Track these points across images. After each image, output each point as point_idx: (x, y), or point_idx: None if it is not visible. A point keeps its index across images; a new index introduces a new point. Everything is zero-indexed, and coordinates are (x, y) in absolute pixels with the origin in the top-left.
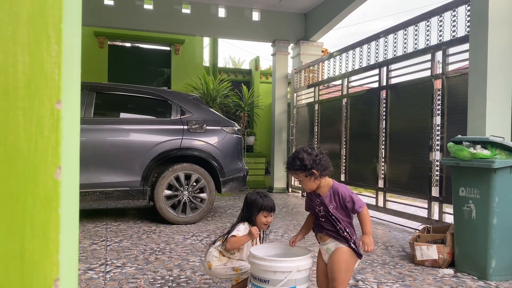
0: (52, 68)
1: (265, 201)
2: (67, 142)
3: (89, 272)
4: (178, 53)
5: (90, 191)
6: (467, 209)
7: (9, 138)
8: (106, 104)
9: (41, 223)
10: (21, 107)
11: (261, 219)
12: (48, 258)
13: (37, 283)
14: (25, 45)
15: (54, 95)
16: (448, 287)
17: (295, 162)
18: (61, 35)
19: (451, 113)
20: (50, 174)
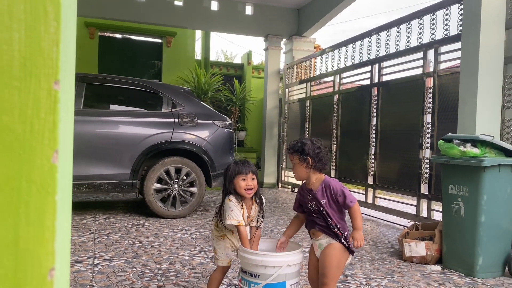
0: (50, 46)
1: (238, 165)
2: (64, 125)
3: (77, 265)
4: (169, 46)
5: (79, 183)
6: (455, 207)
7: (3, 120)
8: (96, 96)
9: (36, 210)
10: (17, 87)
11: (240, 184)
12: (44, 247)
13: (32, 273)
14: (22, 21)
15: (52, 75)
16: (435, 283)
17: (297, 144)
18: (60, 10)
19: (441, 111)
20: (46, 158)
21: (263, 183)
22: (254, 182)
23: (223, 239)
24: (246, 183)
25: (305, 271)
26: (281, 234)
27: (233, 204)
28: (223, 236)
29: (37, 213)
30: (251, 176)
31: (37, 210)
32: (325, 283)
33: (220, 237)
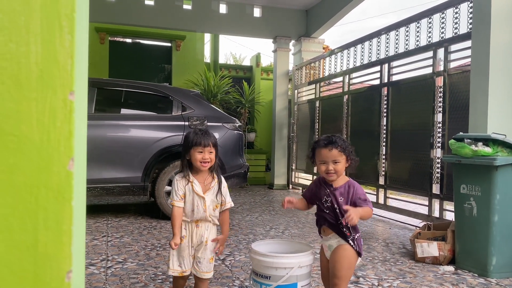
0: (65, 59)
1: (197, 135)
2: (79, 133)
3: (90, 268)
4: (179, 49)
5: (91, 186)
6: (468, 207)
7: (22, 129)
8: (107, 100)
9: (54, 215)
10: (34, 98)
11: (196, 156)
12: (61, 251)
13: (50, 275)
14: (38, 35)
15: (67, 86)
16: (448, 284)
17: (346, 142)
18: (74, 24)
19: (452, 110)
20: (63, 166)
21: (273, 184)
22: (212, 156)
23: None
24: (203, 156)
25: (316, 272)
26: (293, 235)
27: (174, 183)
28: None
29: (55, 218)
30: (209, 150)
31: (55, 216)
32: (337, 284)
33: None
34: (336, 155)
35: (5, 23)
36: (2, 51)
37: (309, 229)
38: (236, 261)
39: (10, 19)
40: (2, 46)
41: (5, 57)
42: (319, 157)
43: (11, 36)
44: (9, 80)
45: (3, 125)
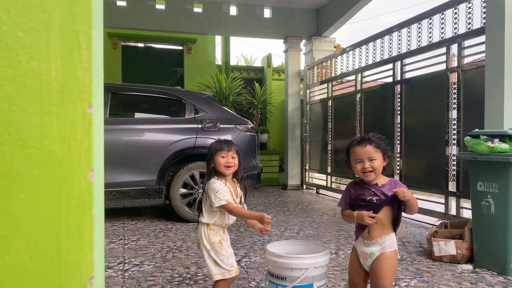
0: (84, 74)
1: (220, 143)
2: (97, 145)
3: (108, 271)
4: (190, 52)
5: (107, 190)
6: (485, 204)
7: (44, 142)
8: (121, 104)
9: (76, 224)
10: (55, 112)
11: (220, 161)
12: (83, 258)
13: (74, 282)
14: (58, 52)
15: (86, 100)
16: (467, 283)
17: (381, 139)
18: (91, 41)
19: (467, 107)
20: (83, 176)
21: (287, 185)
22: (235, 161)
23: (222, 246)
24: (226, 160)
25: (332, 272)
26: (308, 236)
27: (218, 185)
28: (220, 242)
29: (77, 227)
30: (231, 154)
31: (77, 224)
32: None
33: (218, 244)
34: (371, 152)
35: (27, 42)
36: (25, 69)
37: (324, 229)
38: (252, 262)
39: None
40: (25, 64)
41: (28, 75)
42: (354, 155)
43: (33, 54)
44: (32, 96)
45: (26, 139)
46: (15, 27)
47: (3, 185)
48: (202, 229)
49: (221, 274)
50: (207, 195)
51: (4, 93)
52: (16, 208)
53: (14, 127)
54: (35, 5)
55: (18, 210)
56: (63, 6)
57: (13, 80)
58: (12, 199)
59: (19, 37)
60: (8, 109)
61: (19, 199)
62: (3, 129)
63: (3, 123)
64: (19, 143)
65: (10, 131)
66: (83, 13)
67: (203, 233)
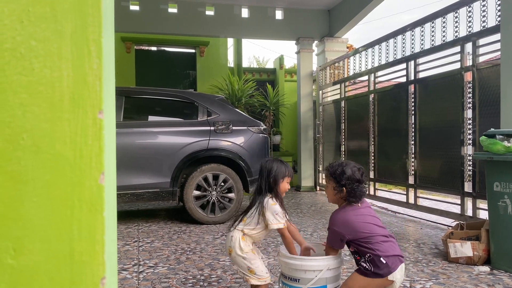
0: (94, 81)
1: (287, 166)
2: (108, 149)
3: (123, 272)
4: (203, 55)
5: (122, 193)
6: (502, 205)
7: (56, 148)
8: (135, 108)
9: (87, 226)
10: (67, 119)
11: (285, 186)
12: (95, 259)
13: (86, 282)
14: (69, 60)
15: (96, 106)
16: (484, 285)
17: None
18: (101, 48)
19: (482, 106)
20: (94, 180)
21: (300, 186)
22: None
23: (255, 254)
24: (288, 186)
25: (346, 274)
26: (321, 237)
27: (278, 208)
28: (252, 251)
29: (88, 229)
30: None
31: (88, 226)
32: None
33: (251, 253)
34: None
35: (40, 51)
36: (38, 76)
37: None
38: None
39: (44, 47)
40: (38, 72)
41: (41, 82)
42: None
43: (46, 62)
44: (44, 103)
45: (39, 144)
46: (28, 37)
47: (17, 189)
48: (237, 238)
49: (257, 280)
50: (263, 212)
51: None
52: (30, 211)
53: (28, 133)
54: (47, 15)
55: (32, 213)
56: (74, 16)
57: (27, 88)
58: (26, 203)
59: (32, 46)
60: (22, 115)
61: (33, 203)
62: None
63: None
64: (32, 148)
65: (24, 136)
66: (93, 22)
67: (236, 242)
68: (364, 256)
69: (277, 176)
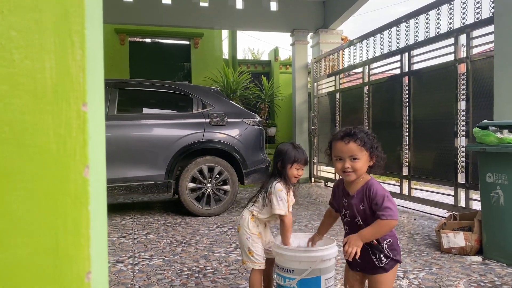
0: (77, 72)
1: (299, 152)
2: (94, 142)
3: (118, 265)
4: (197, 47)
5: (117, 185)
6: (494, 195)
7: (39, 140)
8: (129, 100)
9: (72, 220)
10: (50, 111)
11: (293, 172)
12: (80, 253)
13: (71, 276)
14: (51, 51)
15: (80, 98)
16: (476, 274)
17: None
18: (85, 39)
19: (476, 98)
20: (79, 173)
21: None
22: (302, 172)
23: (259, 238)
24: (298, 173)
25: (340, 265)
26: (316, 229)
27: (283, 194)
28: (259, 234)
29: (73, 223)
30: (303, 167)
31: (73, 220)
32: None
33: (257, 236)
34: (354, 150)
35: (21, 41)
36: (19, 67)
37: None
38: None
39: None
40: (19, 63)
41: (22, 73)
42: (335, 151)
43: (27, 53)
44: (26, 95)
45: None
46: (8, 27)
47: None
48: (246, 217)
49: (251, 263)
50: (269, 196)
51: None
52: (14, 205)
53: (10, 126)
54: (27, 4)
55: (15, 207)
56: (56, 6)
57: (7, 79)
58: (9, 197)
59: (12, 37)
60: (3, 108)
61: (16, 196)
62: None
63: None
64: (14, 141)
65: (5, 129)
66: (75, 12)
67: (245, 221)
68: (383, 242)
69: (285, 160)
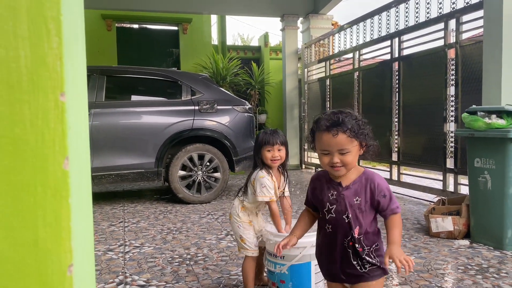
0: (54, 61)
1: (267, 135)
2: (74, 133)
3: (108, 253)
4: (186, 33)
5: (106, 174)
6: (482, 180)
7: (16, 131)
8: (117, 87)
9: (52, 213)
10: (26, 100)
11: (266, 155)
12: (61, 246)
13: (52, 270)
14: (26, 39)
15: (58, 87)
16: (463, 257)
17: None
18: (61, 26)
19: (465, 83)
20: (58, 165)
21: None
22: (281, 153)
23: (250, 226)
24: (272, 154)
25: None
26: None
27: (266, 180)
28: (249, 222)
29: (53, 215)
30: (277, 147)
31: (53, 213)
32: None
33: (247, 224)
34: (343, 143)
35: None
36: None
37: None
38: None
39: None
40: None
41: None
42: (320, 144)
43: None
44: (1, 84)
45: None
46: None
47: None
48: (237, 206)
49: (244, 250)
50: (253, 185)
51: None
52: None
53: None
54: None
55: None
56: None
57: None
58: None
59: None
60: None
61: None
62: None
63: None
64: None
65: None
66: None
67: (236, 210)
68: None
69: (256, 146)
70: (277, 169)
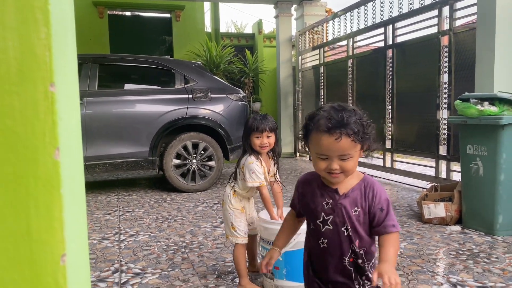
0: (43, 51)
1: (255, 120)
2: (65, 123)
3: (104, 242)
4: (179, 20)
5: (100, 163)
6: (474, 167)
7: (6, 123)
8: (110, 76)
9: (44, 203)
10: (15, 92)
11: (255, 142)
12: (54, 236)
13: (45, 259)
14: (14, 29)
15: (47, 78)
16: (455, 243)
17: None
18: (49, 16)
19: (458, 70)
20: (49, 156)
21: (280, 153)
22: (270, 140)
23: (242, 213)
24: (261, 141)
25: None
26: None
27: (255, 166)
28: (242, 208)
29: (45, 206)
30: (267, 134)
31: (45, 203)
32: None
33: (239, 211)
34: (346, 148)
35: None
36: None
37: None
38: None
39: None
40: None
41: None
42: (319, 148)
43: None
44: None
45: None
46: None
47: None
48: (228, 193)
49: (233, 237)
50: (242, 171)
51: None
52: None
53: None
54: None
55: None
56: None
57: None
58: None
59: None
60: None
61: None
62: None
63: None
64: None
65: None
66: None
67: (228, 197)
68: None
69: (244, 133)
70: (266, 154)
